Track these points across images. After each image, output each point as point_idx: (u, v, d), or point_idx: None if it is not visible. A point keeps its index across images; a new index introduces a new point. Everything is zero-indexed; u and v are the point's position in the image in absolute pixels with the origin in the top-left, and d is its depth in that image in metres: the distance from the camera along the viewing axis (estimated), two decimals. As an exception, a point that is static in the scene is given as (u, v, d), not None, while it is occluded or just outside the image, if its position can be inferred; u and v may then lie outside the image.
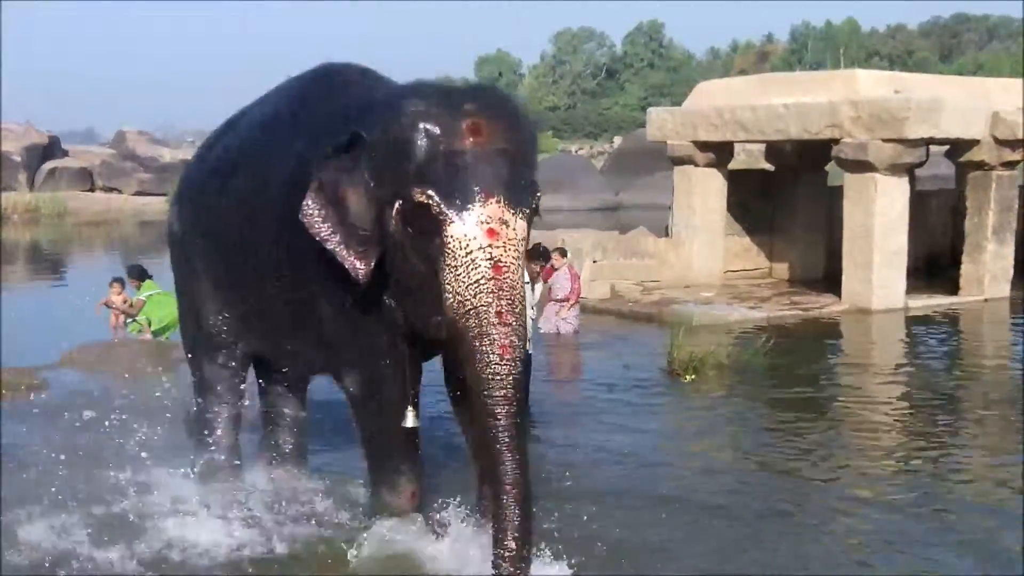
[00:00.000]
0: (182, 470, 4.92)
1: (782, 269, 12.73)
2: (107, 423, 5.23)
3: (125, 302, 9.26)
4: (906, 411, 6.96)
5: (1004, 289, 11.09)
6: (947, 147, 11.54)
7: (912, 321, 10.18)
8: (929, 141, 10.66)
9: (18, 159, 28.39)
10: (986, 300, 10.95)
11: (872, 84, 10.99)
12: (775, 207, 12.62)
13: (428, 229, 3.50)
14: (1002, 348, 9.41)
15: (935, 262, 12.75)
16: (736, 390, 7.32)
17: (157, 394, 5.34)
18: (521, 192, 3.54)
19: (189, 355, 5.06)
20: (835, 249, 11.21)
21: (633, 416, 6.61)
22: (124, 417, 5.18)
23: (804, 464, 5.60)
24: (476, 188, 3.46)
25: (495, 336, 3.46)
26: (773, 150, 12.75)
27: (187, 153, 32.36)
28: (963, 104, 10.65)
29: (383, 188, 3.63)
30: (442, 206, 3.45)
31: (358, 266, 3.71)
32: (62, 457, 4.94)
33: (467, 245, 3.45)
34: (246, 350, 4.81)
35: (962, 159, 11.12)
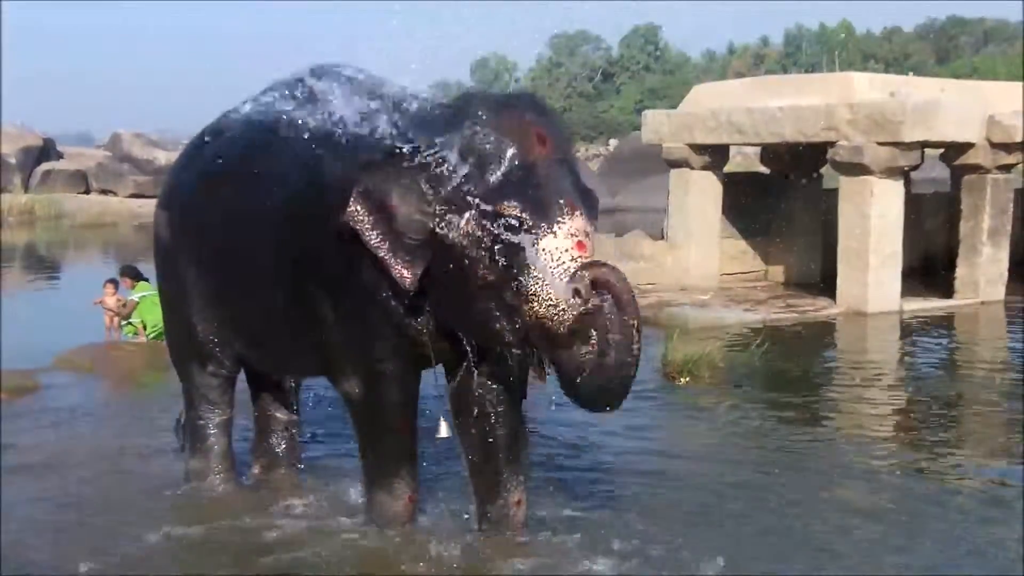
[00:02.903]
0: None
1: (778, 272, 12.73)
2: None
3: (119, 303, 9.23)
4: (902, 413, 6.96)
5: (999, 292, 11.10)
6: (943, 150, 11.55)
7: (907, 324, 10.19)
8: (925, 144, 10.67)
9: (13, 161, 28.34)
10: (981, 303, 10.96)
11: (868, 87, 11.00)
12: (771, 210, 12.62)
13: (511, 241, 3.50)
14: (998, 351, 9.41)
15: (930, 265, 12.76)
16: (731, 392, 7.31)
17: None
18: (589, 203, 3.64)
19: (178, 362, 4.97)
20: (831, 252, 11.21)
21: (627, 418, 6.59)
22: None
23: (798, 466, 5.59)
24: (560, 201, 3.52)
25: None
26: (769, 153, 12.76)
27: (183, 155, 32.28)
28: (959, 107, 10.66)
29: (446, 197, 3.61)
30: (532, 219, 3.48)
31: (405, 275, 3.68)
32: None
33: (560, 258, 3.48)
34: (237, 356, 4.75)
35: (958, 162, 11.12)
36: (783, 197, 12.54)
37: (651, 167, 21.67)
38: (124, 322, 9.23)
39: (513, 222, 3.49)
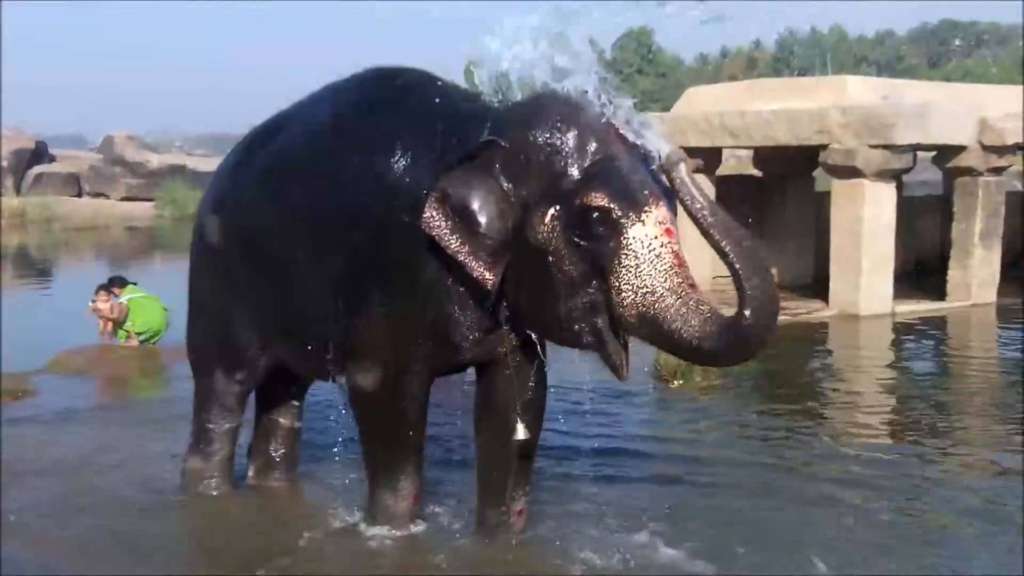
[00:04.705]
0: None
1: (770, 274, 12.73)
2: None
3: (112, 310, 9.21)
4: (894, 414, 6.98)
5: (991, 295, 11.14)
6: (935, 153, 11.59)
7: (899, 326, 10.22)
8: (917, 147, 10.71)
9: (5, 164, 28.30)
10: (973, 305, 11.00)
11: (861, 90, 11.04)
12: (763, 213, 12.64)
13: (599, 232, 3.49)
14: (989, 353, 9.44)
15: (922, 267, 12.80)
16: (723, 394, 7.33)
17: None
18: (669, 195, 3.62)
19: (199, 365, 4.87)
20: (823, 254, 11.25)
21: (620, 422, 6.61)
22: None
23: (791, 468, 5.61)
24: (646, 192, 3.52)
25: (699, 297, 3.63)
26: (761, 156, 12.79)
27: (176, 159, 32.26)
28: (951, 110, 10.70)
29: (527, 194, 3.60)
30: (621, 209, 3.47)
31: (487, 276, 3.65)
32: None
33: (650, 244, 3.50)
34: (267, 363, 4.66)
35: (950, 165, 11.16)
36: (776, 200, 12.57)
37: (644, 170, 21.70)
38: (117, 327, 9.22)
39: (600, 214, 3.47)
